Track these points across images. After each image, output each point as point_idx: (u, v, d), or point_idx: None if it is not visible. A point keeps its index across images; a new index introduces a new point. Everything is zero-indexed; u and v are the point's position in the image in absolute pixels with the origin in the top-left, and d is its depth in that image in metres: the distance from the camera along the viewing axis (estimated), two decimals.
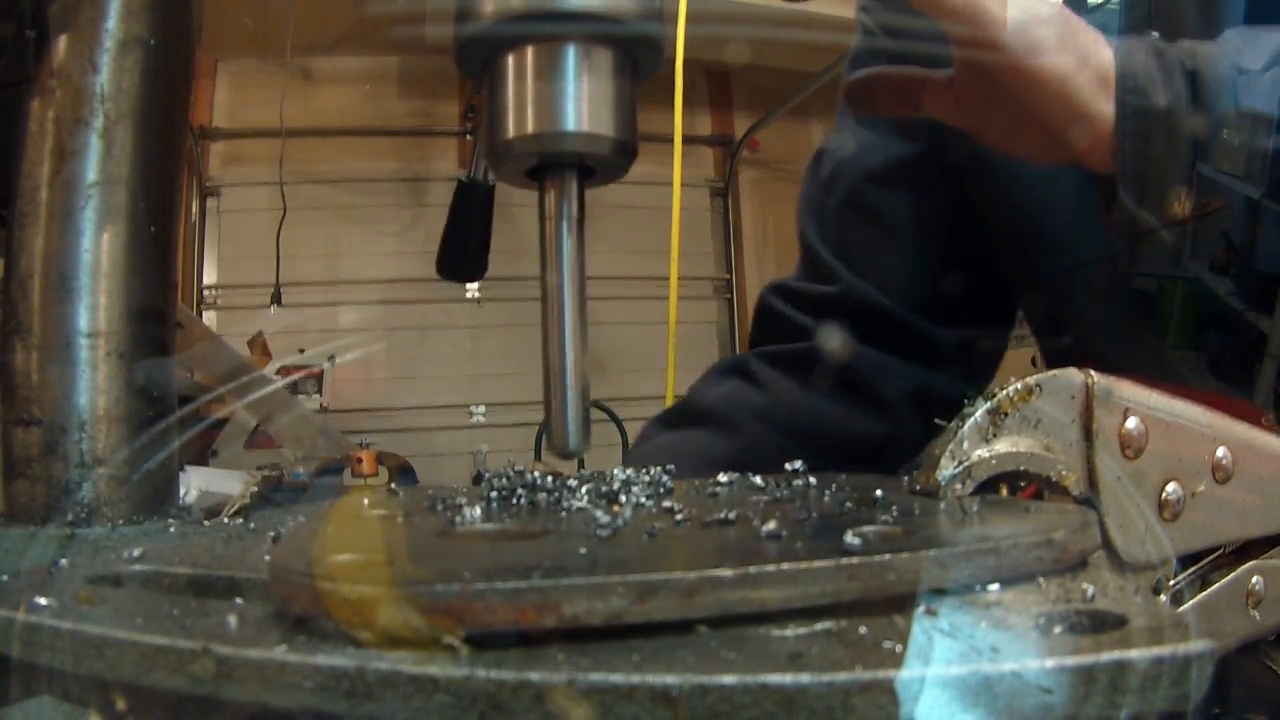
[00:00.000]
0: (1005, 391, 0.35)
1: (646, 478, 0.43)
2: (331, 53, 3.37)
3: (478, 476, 0.45)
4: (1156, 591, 0.35)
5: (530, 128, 0.37)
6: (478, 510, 0.34)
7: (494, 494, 0.39)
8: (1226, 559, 0.39)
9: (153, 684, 0.24)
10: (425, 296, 3.41)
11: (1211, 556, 0.39)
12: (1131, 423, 0.35)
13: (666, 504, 0.36)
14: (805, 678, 0.21)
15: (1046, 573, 0.29)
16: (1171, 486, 0.36)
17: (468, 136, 3.47)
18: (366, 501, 0.40)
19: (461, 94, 3.51)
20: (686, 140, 2.22)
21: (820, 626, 0.24)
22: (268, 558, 0.32)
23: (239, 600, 0.29)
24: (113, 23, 0.44)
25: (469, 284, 3.45)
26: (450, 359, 3.51)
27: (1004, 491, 0.37)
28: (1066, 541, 0.29)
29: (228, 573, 0.31)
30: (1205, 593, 0.38)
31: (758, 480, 0.44)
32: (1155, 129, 0.53)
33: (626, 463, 0.50)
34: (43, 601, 0.28)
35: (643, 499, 0.38)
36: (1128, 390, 0.36)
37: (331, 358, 2.98)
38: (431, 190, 3.48)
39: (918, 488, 0.36)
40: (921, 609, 0.25)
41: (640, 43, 0.39)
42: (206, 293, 3.41)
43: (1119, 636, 0.25)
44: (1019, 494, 0.39)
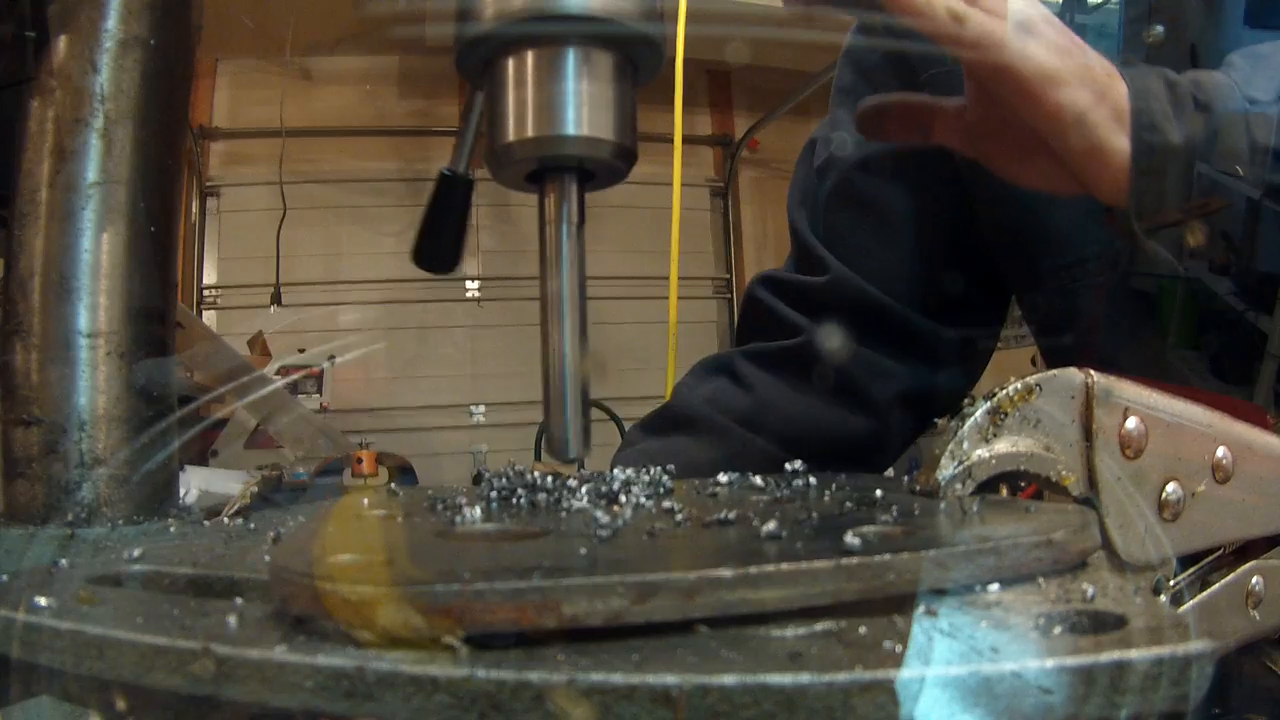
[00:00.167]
0: (1005, 391, 0.35)
1: (646, 478, 0.43)
2: (331, 53, 3.36)
3: (478, 476, 0.45)
4: (1156, 592, 0.35)
5: (530, 132, 0.37)
6: (478, 510, 0.34)
7: (494, 494, 0.39)
8: (1226, 559, 0.39)
9: (153, 684, 0.24)
10: (425, 296, 3.41)
11: (1211, 557, 0.39)
12: (1131, 423, 0.35)
13: (666, 504, 0.36)
14: (805, 678, 0.21)
15: (1046, 573, 0.29)
16: (1171, 486, 0.36)
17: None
18: (366, 501, 0.40)
19: (461, 94, 3.51)
20: (686, 140, 2.22)
21: (820, 626, 0.24)
22: (268, 558, 0.32)
23: (239, 600, 0.29)
24: (113, 23, 0.44)
25: (469, 284, 3.46)
26: (450, 359, 3.51)
27: (1004, 492, 0.37)
28: (1066, 542, 0.29)
29: (228, 573, 0.31)
30: (1205, 593, 0.38)
31: (758, 480, 0.44)
32: (1170, 166, 0.53)
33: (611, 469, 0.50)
34: (43, 601, 0.28)
35: (643, 499, 0.38)
36: (1128, 390, 0.36)
37: (331, 358, 2.98)
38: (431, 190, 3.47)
39: (918, 488, 0.36)
40: (921, 609, 0.25)
41: (640, 46, 0.39)
42: (206, 293, 3.41)
43: (1119, 637, 0.25)
44: (1019, 494, 0.39)
